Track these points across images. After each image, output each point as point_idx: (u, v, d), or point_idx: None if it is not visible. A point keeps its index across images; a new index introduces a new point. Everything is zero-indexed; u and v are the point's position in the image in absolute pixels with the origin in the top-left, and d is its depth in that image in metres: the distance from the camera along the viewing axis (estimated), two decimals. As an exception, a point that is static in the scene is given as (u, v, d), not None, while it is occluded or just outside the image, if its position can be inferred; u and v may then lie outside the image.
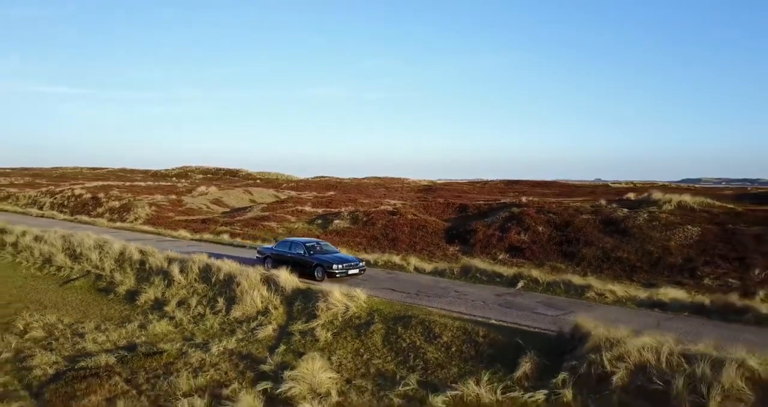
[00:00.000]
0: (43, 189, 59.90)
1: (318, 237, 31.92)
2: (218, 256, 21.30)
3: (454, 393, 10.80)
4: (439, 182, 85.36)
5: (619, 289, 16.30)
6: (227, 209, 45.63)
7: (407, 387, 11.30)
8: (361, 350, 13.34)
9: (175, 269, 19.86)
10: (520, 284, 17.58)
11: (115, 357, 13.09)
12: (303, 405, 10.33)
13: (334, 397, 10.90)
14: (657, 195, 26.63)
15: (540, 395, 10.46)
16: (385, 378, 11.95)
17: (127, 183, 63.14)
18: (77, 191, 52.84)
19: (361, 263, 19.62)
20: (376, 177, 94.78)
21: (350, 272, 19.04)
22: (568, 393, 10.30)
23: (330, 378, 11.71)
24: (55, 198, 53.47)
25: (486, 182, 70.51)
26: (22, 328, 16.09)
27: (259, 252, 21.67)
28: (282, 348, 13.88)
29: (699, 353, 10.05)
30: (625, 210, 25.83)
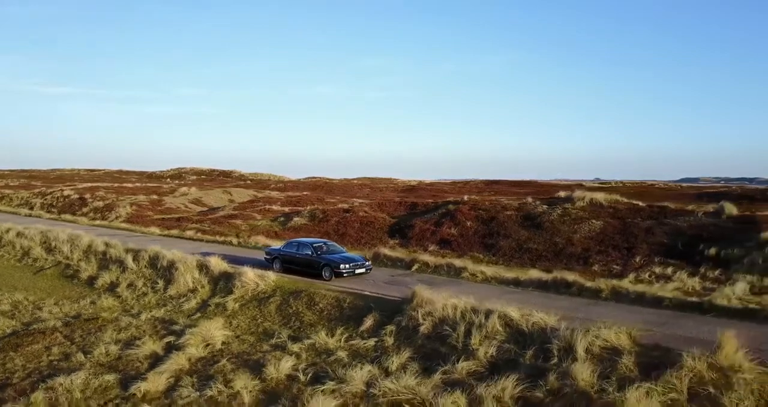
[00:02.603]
0: (36, 191, 64.45)
1: (276, 232, 36.00)
2: (180, 248, 25.29)
3: (309, 341, 14.71)
4: (426, 182, 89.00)
5: (489, 270, 20.11)
6: (205, 209, 49.75)
7: (279, 339, 15.22)
8: (258, 316, 17.28)
9: (129, 258, 23.91)
10: (415, 267, 21.43)
11: (62, 322, 17.12)
12: (190, 350, 14.24)
13: (218, 345, 14.84)
14: (578, 193, 30.29)
15: (371, 342, 14.35)
16: (267, 334, 15.88)
17: (116, 184, 67.53)
18: (66, 192, 57.26)
19: (367, 263, 20.61)
20: (367, 177, 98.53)
21: (357, 271, 19.91)
22: (389, 340, 14.19)
23: (223, 334, 15.65)
24: (45, 199, 57.91)
25: (467, 183, 74.10)
26: (-6, 304, 20.18)
27: (267, 253, 22.56)
28: (197, 315, 17.89)
29: (483, 308, 13.87)
30: (545, 207, 29.56)
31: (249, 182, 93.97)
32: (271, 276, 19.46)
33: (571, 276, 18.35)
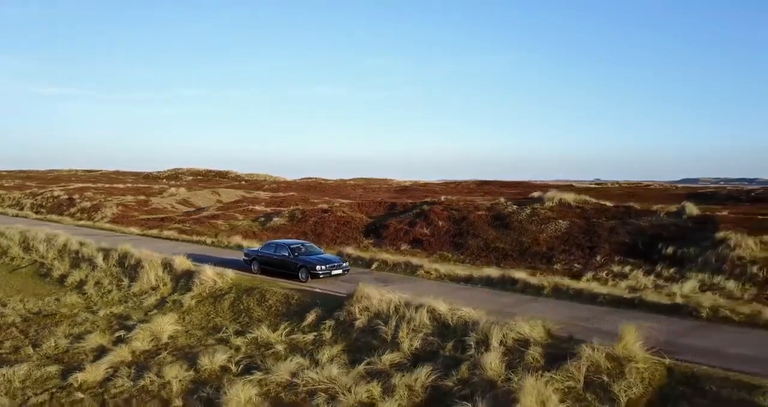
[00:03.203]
0: (27, 191, 65.56)
1: (255, 232, 36.74)
2: (154, 248, 26.10)
3: (252, 336, 15.44)
4: (421, 182, 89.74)
5: (444, 268, 20.79)
6: (191, 209, 50.61)
7: (225, 334, 15.98)
8: (211, 312, 18.04)
9: (99, 257, 24.72)
10: (374, 266, 22.14)
11: (21, 317, 17.93)
12: (135, 343, 15.00)
13: (164, 339, 15.60)
14: (549, 194, 30.93)
15: (310, 336, 15.08)
16: (216, 329, 16.63)
17: (108, 185, 68.54)
18: (56, 193, 58.28)
19: (344, 264, 20.70)
20: (362, 178, 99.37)
21: (333, 272, 19.98)
22: (327, 334, 14.92)
23: (173, 328, 16.42)
24: (36, 199, 58.95)
25: (459, 183, 74.83)
26: (-38, 301, 21.01)
27: (245, 254, 22.64)
28: (155, 311, 18.64)
29: (416, 303, 14.57)
30: (515, 207, 30.21)
31: (244, 182, 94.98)
32: (230, 274, 20.19)
33: (518, 274, 19.02)
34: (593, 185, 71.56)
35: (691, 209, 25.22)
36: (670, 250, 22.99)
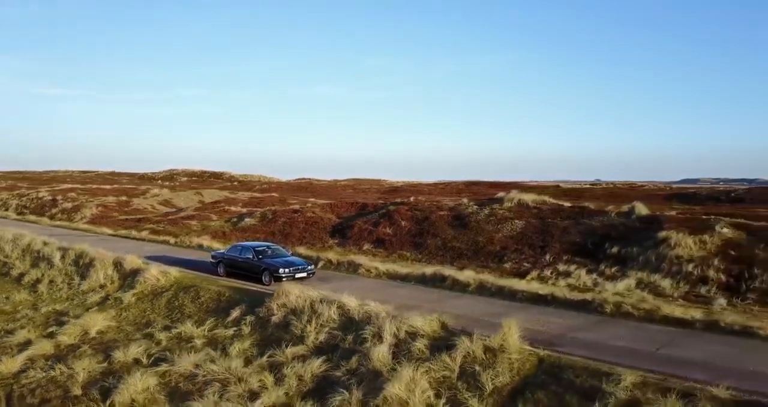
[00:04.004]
0: (15, 192, 66.80)
1: (225, 233, 37.55)
2: (120, 248, 26.97)
3: (176, 331, 16.23)
4: (413, 182, 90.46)
5: (384, 266, 21.53)
6: (173, 209, 51.54)
7: (153, 329, 16.75)
8: (148, 308, 18.83)
9: (57, 256, 25.59)
10: (320, 265, 22.86)
11: (-37, 313, 18.78)
12: (61, 337, 15.81)
13: (92, 334, 16.41)
14: (510, 194, 31.57)
15: (231, 331, 15.84)
16: (148, 324, 17.42)
17: (95, 186, 69.66)
18: (41, 194, 59.41)
19: (309, 267, 20.72)
20: (355, 178, 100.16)
21: (297, 275, 19.92)
22: (246, 329, 15.67)
23: (105, 324, 17.24)
24: (21, 200, 60.12)
25: (448, 183, 75.46)
26: None
27: (212, 257, 22.63)
28: (95, 308, 19.45)
29: (330, 299, 15.29)
30: (475, 207, 30.87)
31: (237, 183, 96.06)
32: (173, 272, 20.99)
33: (447, 271, 19.74)
34: (586, 186, 71.98)
35: (641, 209, 25.79)
36: (615, 249, 23.59)
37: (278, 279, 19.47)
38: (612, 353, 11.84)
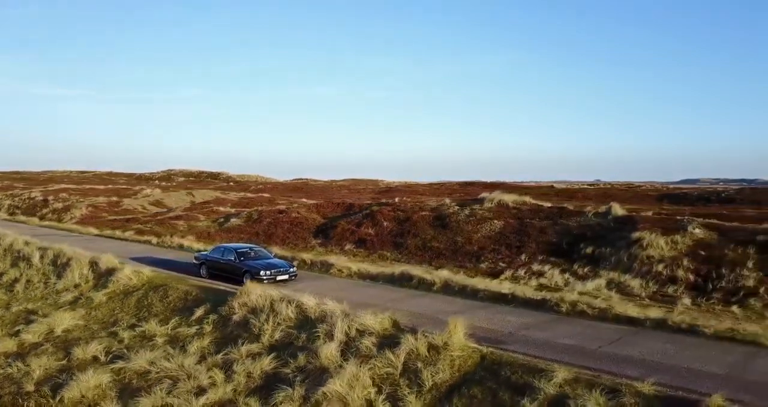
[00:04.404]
0: (9, 192, 67.29)
1: (210, 233, 37.86)
2: (101, 247, 27.30)
3: (141, 329, 16.52)
4: (410, 183, 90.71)
5: (355, 266, 21.78)
6: (163, 210, 51.88)
7: (119, 328, 17.04)
8: (117, 308, 19.13)
9: (36, 256, 25.93)
10: (295, 264, 23.12)
11: (-65, 312, 19.11)
12: (25, 335, 16.12)
13: (58, 333, 16.70)
14: (492, 195, 31.82)
15: (194, 329, 16.13)
16: (114, 323, 17.71)
17: (88, 186, 70.09)
18: (33, 194, 59.86)
19: (291, 269, 20.63)
20: (353, 179, 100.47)
21: (279, 278, 19.86)
22: (208, 327, 15.95)
23: (72, 323, 17.55)
24: (14, 200, 60.58)
25: (443, 184, 75.74)
26: None
27: (195, 258, 22.57)
28: (67, 307, 19.75)
29: (293, 298, 15.56)
30: (456, 207, 31.11)
31: (233, 183, 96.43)
32: (146, 272, 21.28)
33: (415, 271, 20.01)
34: (584, 186, 72.12)
35: (617, 209, 25.98)
36: (589, 249, 23.81)
37: (260, 281, 19.10)
38: (557, 350, 12.08)
